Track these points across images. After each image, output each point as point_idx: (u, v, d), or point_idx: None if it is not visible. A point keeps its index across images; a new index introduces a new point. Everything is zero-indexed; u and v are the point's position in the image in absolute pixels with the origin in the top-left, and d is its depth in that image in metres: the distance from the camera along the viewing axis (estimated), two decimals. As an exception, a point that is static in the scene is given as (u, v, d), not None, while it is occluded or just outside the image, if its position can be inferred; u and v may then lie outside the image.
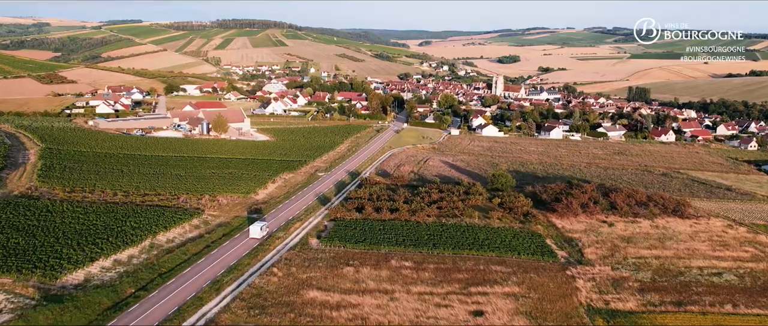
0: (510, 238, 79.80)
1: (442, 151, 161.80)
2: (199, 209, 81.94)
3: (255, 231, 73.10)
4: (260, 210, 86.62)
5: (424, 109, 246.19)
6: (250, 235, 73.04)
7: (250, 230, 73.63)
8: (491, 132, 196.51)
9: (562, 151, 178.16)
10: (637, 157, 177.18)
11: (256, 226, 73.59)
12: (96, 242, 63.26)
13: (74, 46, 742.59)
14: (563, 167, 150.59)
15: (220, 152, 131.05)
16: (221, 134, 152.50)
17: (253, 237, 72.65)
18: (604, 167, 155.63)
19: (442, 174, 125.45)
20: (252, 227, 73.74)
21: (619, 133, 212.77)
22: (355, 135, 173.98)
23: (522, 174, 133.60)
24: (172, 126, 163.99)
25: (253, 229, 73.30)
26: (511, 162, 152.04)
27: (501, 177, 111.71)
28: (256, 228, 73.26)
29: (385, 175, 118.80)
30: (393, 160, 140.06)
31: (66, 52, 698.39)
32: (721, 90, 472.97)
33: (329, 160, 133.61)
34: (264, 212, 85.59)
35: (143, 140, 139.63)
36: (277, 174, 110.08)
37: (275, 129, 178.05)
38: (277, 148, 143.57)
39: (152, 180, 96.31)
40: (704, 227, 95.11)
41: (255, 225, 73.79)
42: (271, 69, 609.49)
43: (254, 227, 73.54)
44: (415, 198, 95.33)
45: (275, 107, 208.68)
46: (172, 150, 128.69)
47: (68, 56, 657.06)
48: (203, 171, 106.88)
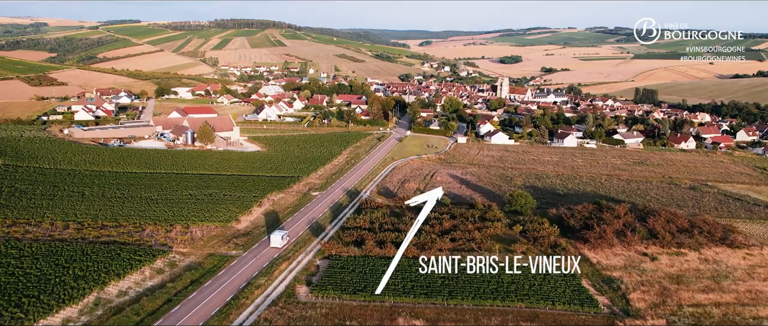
0: (540, 281, 66.12)
1: (450, 163, 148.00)
2: (165, 246, 68.20)
3: (276, 241, 72.39)
4: (241, 244, 72.88)
5: (427, 113, 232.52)
6: (270, 244, 72.48)
7: (270, 239, 73.04)
8: (501, 139, 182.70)
9: (578, 161, 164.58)
10: (659, 167, 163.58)
11: (276, 235, 72.89)
12: (21, 303, 49.43)
13: (70, 47, 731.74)
14: (582, 181, 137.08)
15: (202, 166, 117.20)
16: (207, 144, 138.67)
17: (274, 247, 71.88)
18: (627, 180, 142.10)
19: (452, 191, 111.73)
20: (273, 236, 73.00)
21: (636, 140, 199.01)
22: (354, 144, 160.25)
23: (540, 191, 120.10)
24: (155, 135, 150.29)
25: (274, 238, 72.59)
26: (526, 175, 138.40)
27: (520, 198, 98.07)
28: (277, 238, 72.58)
29: (388, 195, 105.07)
30: (396, 174, 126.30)
31: (62, 52, 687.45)
32: (729, 91, 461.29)
33: (325, 174, 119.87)
34: (246, 247, 71.84)
35: (119, 153, 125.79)
36: (265, 194, 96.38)
37: (268, 137, 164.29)
38: (267, 160, 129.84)
39: (117, 206, 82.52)
40: (760, 259, 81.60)
41: (275, 234, 73.04)
42: (270, 70, 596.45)
43: (275, 236, 72.79)
44: (423, 227, 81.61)
45: (269, 113, 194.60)
46: (148, 164, 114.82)
47: (64, 57, 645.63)
48: (180, 193, 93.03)
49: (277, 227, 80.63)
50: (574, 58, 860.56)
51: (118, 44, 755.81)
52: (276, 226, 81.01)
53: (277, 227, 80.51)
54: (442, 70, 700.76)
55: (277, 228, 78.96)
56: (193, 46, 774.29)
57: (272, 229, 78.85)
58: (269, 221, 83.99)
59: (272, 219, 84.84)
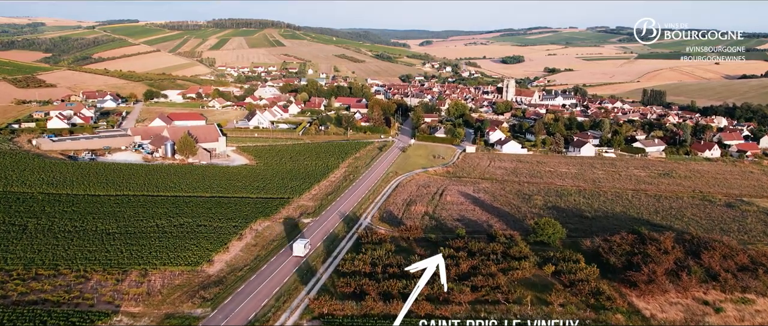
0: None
1: (460, 177, 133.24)
2: (111, 304, 53.52)
3: (299, 250, 70.73)
4: (210, 297, 58.11)
5: (431, 118, 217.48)
6: (293, 253, 70.73)
7: (293, 248, 71.31)
8: (513, 149, 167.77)
9: (599, 173, 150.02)
10: (687, 179, 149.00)
11: (299, 244, 71.39)
12: None
13: (66, 47, 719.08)
14: (608, 197, 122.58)
15: (179, 186, 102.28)
16: (188, 158, 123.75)
17: (297, 256, 70.34)
18: (655, 195, 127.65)
19: (466, 216, 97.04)
20: (295, 245, 71.48)
21: (657, 149, 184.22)
22: (353, 155, 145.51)
23: (564, 213, 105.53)
24: (132, 146, 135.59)
25: (297, 247, 70.96)
26: (545, 191, 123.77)
27: (547, 227, 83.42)
28: (300, 246, 71.03)
29: (392, 222, 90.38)
30: (401, 192, 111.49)
31: (57, 52, 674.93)
32: (738, 92, 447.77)
33: (320, 194, 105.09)
34: (215, 303, 57.06)
35: (87, 169, 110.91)
36: (248, 223, 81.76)
37: (258, 148, 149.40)
38: (255, 176, 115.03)
39: (62, 245, 67.70)
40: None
41: (298, 243, 71.53)
42: (268, 70, 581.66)
43: (298, 245, 71.30)
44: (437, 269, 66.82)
45: (261, 120, 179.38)
46: (116, 184, 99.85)
47: (58, 57, 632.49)
48: (145, 223, 78.21)
49: (257, 270, 65.99)
50: (577, 58, 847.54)
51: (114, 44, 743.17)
52: (256, 270, 66.32)
53: (257, 271, 65.87)
54: (443, 71, 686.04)
55: (256, 273, 64.45)
56: (190, 47, 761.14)
57: (252, 274, 64.24)
58: (249, 262, 69.26)
59: (253, 260, 70.11)
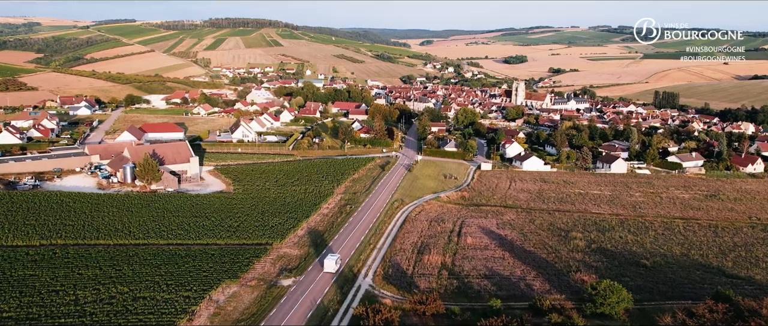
0: None
1: (478, 205, 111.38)
2: None
3: (329, 266, 69.34)
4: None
5: (438, 128, 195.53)
6: (324, 269, 69.06)
7: (324, 264, 69.76)
8: (534, 165, 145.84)
9: (637, 196, 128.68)
10: (737, 203, 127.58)
11: (330, 260, 69.78)
12: None
13: (58, 47, 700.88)
14: (657, 230, 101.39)
15: (127, 229, 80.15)
16: (150, 184, 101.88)
17: (328, 271, 68.82)
18: (710, 226, 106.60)
19: (495, 269, 75.26)
20: (326, 261, 69.98)
21: (695, 163, 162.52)
22: (351, 176, 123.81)
23: (615, 259, 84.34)
24: (88, 168, 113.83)
25: (328, 263, 69.53)
26: (583, 224, 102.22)
27: (610, 295, 61.79)
28: (331, 262, 69.50)
29: (401, 281, 68.56)
30: (409, 232, 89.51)
31: (49, 53, 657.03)
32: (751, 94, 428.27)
33: (307, 237, 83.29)
34: None
35: (19, 202, 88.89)
36: (208, 290, 60.25)
37: (239, 168, 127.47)
38: (230, 210, 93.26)
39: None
40: None
41: (329, 259, 69.92)
42: (264, 71, 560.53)
43: (328, 261, 69.72)
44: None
45: (246, 131, 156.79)
46: (47, 227, 77.82)
47: (50, 58, 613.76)
48: (60, 297, 56.46)
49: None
50: (582, 57, 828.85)
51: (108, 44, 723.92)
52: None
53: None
54: (445, 71, 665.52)
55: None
56: (186, 47, 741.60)
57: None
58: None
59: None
